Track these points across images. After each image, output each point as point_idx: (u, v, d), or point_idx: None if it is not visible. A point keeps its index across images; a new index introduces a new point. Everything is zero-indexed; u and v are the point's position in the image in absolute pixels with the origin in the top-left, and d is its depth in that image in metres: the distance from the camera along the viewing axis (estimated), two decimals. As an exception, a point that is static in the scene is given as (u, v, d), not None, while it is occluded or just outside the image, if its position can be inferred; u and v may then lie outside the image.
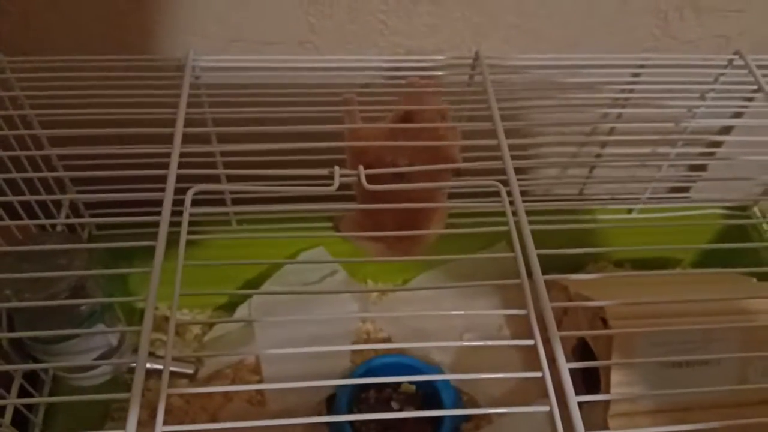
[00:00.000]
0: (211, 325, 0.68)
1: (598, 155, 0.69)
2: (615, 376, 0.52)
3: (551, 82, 0.55)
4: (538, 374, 0.34)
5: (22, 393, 0.52)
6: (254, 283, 0.68)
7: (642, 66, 0.59)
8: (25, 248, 0.43)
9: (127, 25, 0.52)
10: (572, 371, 0.35)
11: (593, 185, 0.73)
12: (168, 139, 0.42)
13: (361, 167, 0.40)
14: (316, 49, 0.59)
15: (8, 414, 0.48)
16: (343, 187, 0.40)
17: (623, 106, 0.62)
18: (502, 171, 0.42)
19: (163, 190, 0.39)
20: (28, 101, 0.49)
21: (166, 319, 0.69)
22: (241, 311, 0.68)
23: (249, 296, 0.68)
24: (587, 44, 0.60)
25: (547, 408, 0.33)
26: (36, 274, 0.41)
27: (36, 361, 0.49)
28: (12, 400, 0.45)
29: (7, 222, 0.48)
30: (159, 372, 0.58)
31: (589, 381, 0.56)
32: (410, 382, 0.63)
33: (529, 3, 0.57)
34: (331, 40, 0.59)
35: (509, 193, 0.40)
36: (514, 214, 0.39)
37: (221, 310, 0.71)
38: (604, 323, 0.55)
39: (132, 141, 0.45)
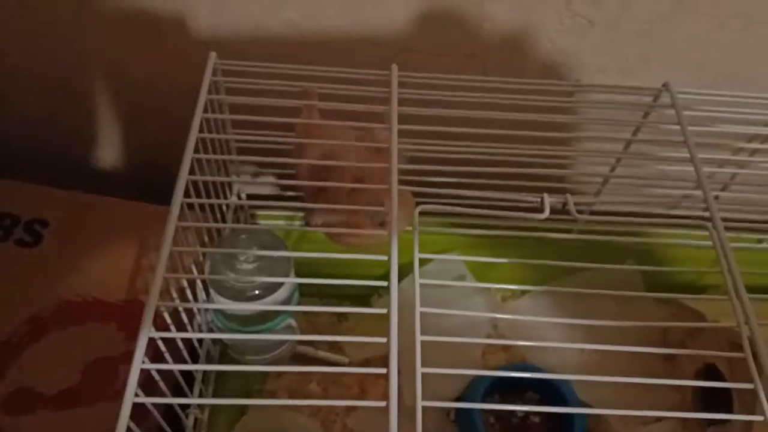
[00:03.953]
0: (343, 316, 0.71)
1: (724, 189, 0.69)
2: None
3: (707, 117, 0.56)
4: (759, 418, 0.35)
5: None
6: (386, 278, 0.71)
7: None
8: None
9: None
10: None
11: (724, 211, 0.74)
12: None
13: (569, 196, 0.42)
14: (482, 63, 0.61)
15: (197, 386, 0.52)
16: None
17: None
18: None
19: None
20: (227, 97, 0.52)
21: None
22: (376, 304, 0.70)
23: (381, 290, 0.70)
24: (746, 77, 0.61)
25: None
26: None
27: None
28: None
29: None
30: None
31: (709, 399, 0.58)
32: (546, 392, 0.64)
33: (702, 31, 0.58)
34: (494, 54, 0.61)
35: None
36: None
37: (350, 300, 0.74)
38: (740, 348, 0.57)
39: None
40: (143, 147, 0.78)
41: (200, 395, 0.53)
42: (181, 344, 0.44)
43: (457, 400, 0.65)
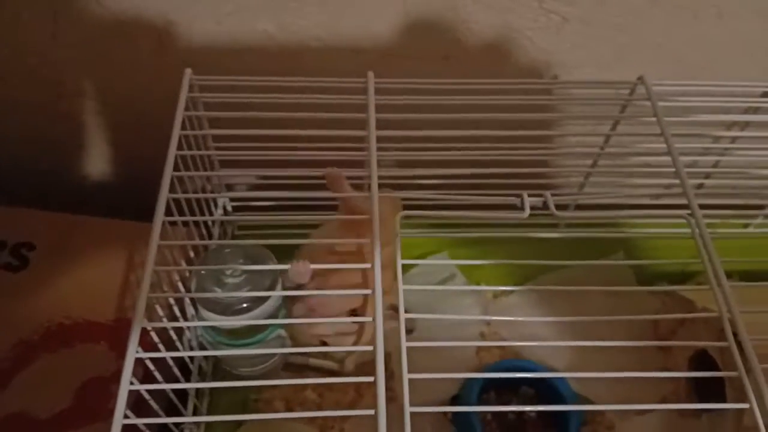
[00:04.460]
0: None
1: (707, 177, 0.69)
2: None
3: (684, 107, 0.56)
4: (745, 406, 0.35)
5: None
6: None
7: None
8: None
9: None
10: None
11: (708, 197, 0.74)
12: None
13: (548, 194, 0.43)
14: (459, 63, 0.61)
15: (191, 402, 0.52)
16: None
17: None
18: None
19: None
20: (206, 113, 0.52)
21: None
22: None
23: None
24: (721, 68, 0.61)
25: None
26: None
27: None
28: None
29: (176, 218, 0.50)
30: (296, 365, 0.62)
31: (703, 388, 0.58)
32: (540, 387, 0.65)
33: (677, 24, 0.58)
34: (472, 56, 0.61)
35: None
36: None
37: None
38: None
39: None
40: (130, 163, 0.78)
41: (195, 410, 0.53)
42: (171, 361, 0.44)
43: (454, 397, 0.65)
